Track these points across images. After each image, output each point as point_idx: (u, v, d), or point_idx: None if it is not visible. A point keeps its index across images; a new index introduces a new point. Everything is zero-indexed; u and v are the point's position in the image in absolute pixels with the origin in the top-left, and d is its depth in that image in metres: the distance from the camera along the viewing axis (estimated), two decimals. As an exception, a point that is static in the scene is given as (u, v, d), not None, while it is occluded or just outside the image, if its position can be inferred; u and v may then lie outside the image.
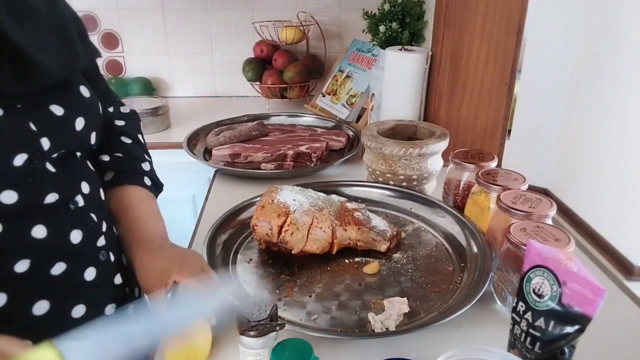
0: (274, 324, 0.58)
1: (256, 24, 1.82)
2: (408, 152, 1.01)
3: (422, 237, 0.96)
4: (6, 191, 0.56)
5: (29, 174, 0.58)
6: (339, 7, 1.90)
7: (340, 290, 0.81)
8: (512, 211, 0.77)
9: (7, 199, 0.56)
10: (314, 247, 0.86)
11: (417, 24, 1.42)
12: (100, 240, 0.69)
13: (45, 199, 0.60)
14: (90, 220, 0.67)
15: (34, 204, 0.59)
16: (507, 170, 0.91)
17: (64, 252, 0.62)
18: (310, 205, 0.89)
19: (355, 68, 1.71)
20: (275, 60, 1.84)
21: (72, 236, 0.63)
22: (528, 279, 0.58)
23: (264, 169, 1.26)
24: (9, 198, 0.56)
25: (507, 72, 1.20)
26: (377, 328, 0.71)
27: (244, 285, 0.82)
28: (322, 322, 0.73)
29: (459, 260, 0.88)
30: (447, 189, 1.02)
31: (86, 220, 0.66)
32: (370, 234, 0.89)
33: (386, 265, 0.87)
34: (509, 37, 1.17)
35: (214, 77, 2.00)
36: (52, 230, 0.61)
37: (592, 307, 0.52)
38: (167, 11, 1.87)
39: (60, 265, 0.62)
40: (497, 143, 1.27)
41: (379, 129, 1.10)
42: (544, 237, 0.71)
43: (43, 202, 0.60)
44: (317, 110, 1.73)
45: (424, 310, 0.76)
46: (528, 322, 0.57)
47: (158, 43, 1.91)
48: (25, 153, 0.57)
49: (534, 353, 0.57)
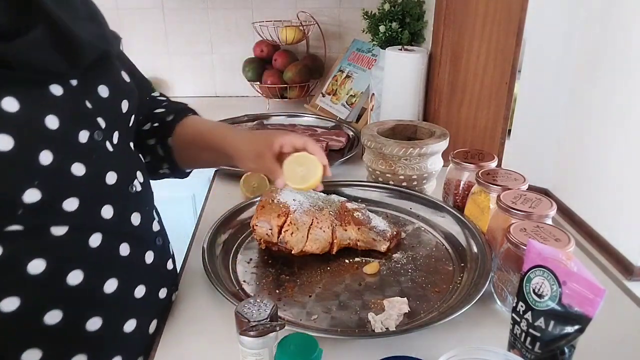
0: (274, 324, 0.58)
1: (256, 24, 1.82)
2: (408, 152, 1.01)
3: (422, 237, 0.96)
4: (76, 163, 0.57)
5: (93, 150, 0.59)
6: (339, 7, 1.90)
7: (340, 290, 0.81)
8: (512, 211, 0.77)
9: (77, 171, 0.57)
10: (314, 247, 0.86)
11: (417, 24, 1.42)
12: (155, 225, 0.73)
13: (107, 177, 0.61)
14: (146, 205, 0.70)
15: (100, 182, 0.60)
16: (507, 170, 0.91)
17: (128, 234, 0.65)
18: (310, 205, 0.89)
19: (355, 68, 1.71)
20: (275, 60, 1.84)
21: (133, 219, 0.66)
22: (528, 279, 0.58)
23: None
24: (79, 170, 0.57)
25: (507, 72, 1.20)
26: (377, 328, 0.71)
27: (244, 285, 0.82)
28: (322, 322, 0.73)
29: (459, 260, 0.88)
30: (447, 189, 1.02)
31: (144, 205, 0.69)
32: (370, 234, 0.89)
33: (386, 265, 0.87)
34: (509, 37, 1.17)
35: (214, 77, 2.00)
36: (117, 211, 0.62)
37: (592, 307, 0.52)
38: (167, 11, 1.87)
39: (125, 246, 0.64)
40: (497, 143, 1.28)
41: (379, 129, 1.10)
42: (544, 237, 0.71)
43: (105, 179, 0.61)
44: (317, 110, 1.73)
45: (424, 310, 0.76)
46: (528, 322, 0.58)
47: (158, 43, 1.91)
48: (87, 130, 0.58)
49: (534, 353, 0.57)
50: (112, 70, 0.66)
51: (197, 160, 0.89)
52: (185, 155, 0.86)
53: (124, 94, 0.67)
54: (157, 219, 0.75)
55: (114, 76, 0.67)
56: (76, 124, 0.57)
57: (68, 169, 0.56)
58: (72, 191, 0.57)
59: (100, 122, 0.61)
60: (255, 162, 0.79)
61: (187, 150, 0.86)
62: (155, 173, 0.90)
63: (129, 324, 0.65)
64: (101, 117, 0.61)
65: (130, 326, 0.65)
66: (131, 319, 0.66)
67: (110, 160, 0.62)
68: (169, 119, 0.86)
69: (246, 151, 0.80)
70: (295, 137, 0.79)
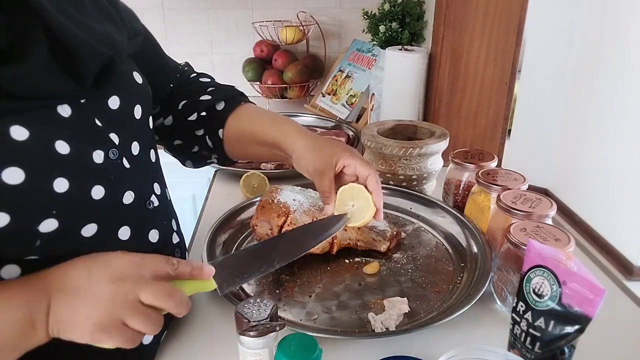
0: (274, 324, 0.58)
1: (256, 24, 1.82)
2: (408, 152, 1.01)
3: (422, 237, 0.96)
4: (95, 187, 0.55)
5: (110, 170, 0.57)
6: (339, 7, 1.90)
7: (340, 290, 0.81)
8: (512, 211, 0.77)
9: (96, 194, 0.55)
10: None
11: (417, 24, 1.42)
12: (174, 237, 0.71)
13: (124, 198, 0.59)
14: (164, 219, 0.68)
15: (117, 204, 0.59)
16: (507, 170, 0.91)
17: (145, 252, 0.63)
18: (310, 205, 0.89)
19: (355, 68, 1.71)
20: (275, 60, 1.84)
21: (150, 236, 0.64)
22: (528, 279, 0.58)
23: (264, 168, 1.26)
24: (98, 193, 0.55)
25: (507, 72, 1.20)
26: (377, 328, 0.71)
27: (244, 285, 0.82)
28: (322, 322, 0.73)
29: (459, 260, 0.88)
30: (447, 189, 1.02)
31: (161, 219, 0.67)
32: (370, 234, 0.89)
33: (386, 265, 0.87)
34: (509, 37, 1.17)
35: (214, 77, 1.99)
36: (134, 231, 0.61)
37: (592, 307, 0.52)
38: (167, 11, 1.87)
39: None
40: (497, 143, 1.28)
41: (379, 129, 1.10)
42: (544, 237, 0.71)
43: (122, 200, 0.59)
44: (317, 110, 1.73)
45: (424, 310, 0.76)
46: (528, 322, 0.58)
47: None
48: (100, 150, 0.56)
49: (534, 353, 0.57)
50: (122, 76, 0.63)
51: (251, 154, 0.84)
52: (238, 149, 0.82)
53: (136, 99, 0.65)
54: (175, 229, 0.72)
55: (125, 82, 0.64)
56: (89, 145, 0.55)
57: (87, 193, 0.54)
58: (91, 217, 0.55)
59: (114, 138, 0.59)
60: (312, 176, 0.74)
61: (241, 144, 0.81)
62: (203, 162, 0.87)
63: (147, 337, 0.64)
64: (114, 132, 0.59)
65: (148, 338, 0.65)
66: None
67: (128, 178, 0.60)
68: (220, 109, 0.81)
69: (306, 162, 0.74)
70: (362, 165, 0.72)
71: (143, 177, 0.64)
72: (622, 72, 0.92)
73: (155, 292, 0.49)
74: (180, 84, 0.85)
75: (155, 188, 0.67)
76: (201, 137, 0.82)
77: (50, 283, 0.48)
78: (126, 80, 0.64)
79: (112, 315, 0.48)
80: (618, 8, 0.94)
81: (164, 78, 0.82)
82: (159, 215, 0.67)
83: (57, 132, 0.52)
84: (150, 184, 0.66)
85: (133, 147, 0.63)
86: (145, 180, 0.65)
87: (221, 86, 0.86)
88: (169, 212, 0.71)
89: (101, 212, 0.56)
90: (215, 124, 0.80)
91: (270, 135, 0.78)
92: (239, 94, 0.85)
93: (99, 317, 0.47)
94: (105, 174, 0.56)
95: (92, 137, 0.56)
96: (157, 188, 0.68)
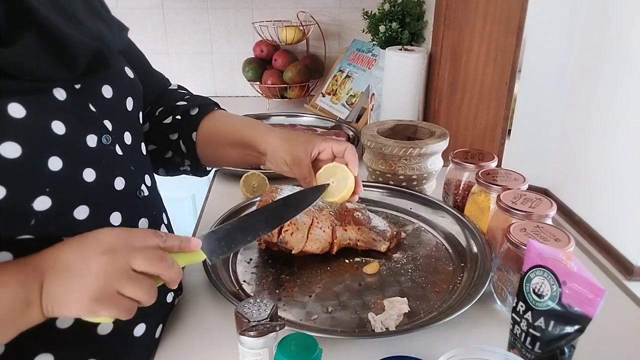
0: (274, 324, 0.58)
1: (256, 24, 1.82)
2: (408, 152, 1.01)
3: (422, 237, 0.96)
4: (87, 169, 0.56)
5: (102, 154, 0.59)
6: (339, 7, 1.90)
7: (340, 290, 0.81)
8: (512, 211, 0.77)
9: (88, 177, 0.56)
10: (314, 247, 0.86)
11: (417, 24, 1.42)
12: (162, 229, 0.71)
13: (115, 183, 0.60)
14: (153, 209, 0.69)
15: (109, 189, 0.60)
16: (507, 170, 0.91)
17: None
18: (310, 205, 0.89)
19: (355, 68, 1.71)
20: (275, 60, 1.84)
21: (140, 225, 0.65)
22: (528, 279, 0.58)
23: (264, 168, 1.26)
24: (89, 176, 0.56)
25: (507, 72, 1.20)
26: (377, 328, 0.71)
27: (244, 285, 0.82)
28: (322, 322, 0.73)
29: (459, 260, 0.88)
30: (447, 189, 1.02)
31: (151, 210, 0.68)
32: (370, 234, 0.89)
33: (386, 265, 0.87)
34: (509, 37, 1.17)
35: (214, 77, 2.00)
36: (125, 217, 0.62)
37: (592, 307, 0.52)
38: (167, 11, 1.87)
39: None
40: (497, 143, 1.28)
41: (379, 129, 1.10)
42: (544, 237, 0.71)
43: (114, 185, 0.60)
44: (317, 110, 1.73)
45: (424, 310, 0.76)
46: (528, 322, 0.58)
47: (158, 43, 1.91)
48: (94, 134, 0.58)
49: (534, 353, 0.57)
50: (114, 69, 0.65)
51: (222, 158, 0.86)
52: (209, 152, 0.83)
53: (128, 91, 0.67)
54: (165, 223, 0.73)
55: (117, 74, 0.66)
56: (83, 128, 0.57)
57: (79, 175, 0.55)
58: (83, 199, 0.56)
59: (107, 124, 0.60)
60: (290, 167, 0.76)
61: (213, 146, 0.82)
62: (176, 170, 0.88)
63: (138, 328, 0.65)
64: (107, 119, 0.61)
65: (139, 330, 0.65)
66: (141, 323, 0.65)
67: (119, 165, 0.61)
68: (194, 113, 0.83)
69: (282, 153, 0.76)
70: (336, 144, 0.76)
71: (134, 166, 0.65)
72: (622, 72, 0.92)
73: (147, 258, 0.50)
74: (159, 94, 0.87)
75: (145, 179, 0.68)
76: (175, 141, 0.83)
77: (42, 263, 0.49)
78: (118, 73, 0.66)
79: (106, 286, 0.48)
80: (618, 8, 0.94)
81: (152, 85, 0.84)
82: (149, 205, 0.68)
83: (53, 113, 0.53)
84: (141, 174, 0.67)
85: (125, 137, 0.64)
86: (136, 169, 0.66)
87: (197, 96, 0.89)
88: (158, 205, 0.72)
89: (93, 194, 0.57)
90: (189, 127, 0.82)
91: (242, 134, 0.80)
92: (213, 103, 0.88)
93: (93, 288, 0.48)
94: (97, 158, 0.58)
95: (87, 121, 0.58)
96: (148, 179, 0.69)
